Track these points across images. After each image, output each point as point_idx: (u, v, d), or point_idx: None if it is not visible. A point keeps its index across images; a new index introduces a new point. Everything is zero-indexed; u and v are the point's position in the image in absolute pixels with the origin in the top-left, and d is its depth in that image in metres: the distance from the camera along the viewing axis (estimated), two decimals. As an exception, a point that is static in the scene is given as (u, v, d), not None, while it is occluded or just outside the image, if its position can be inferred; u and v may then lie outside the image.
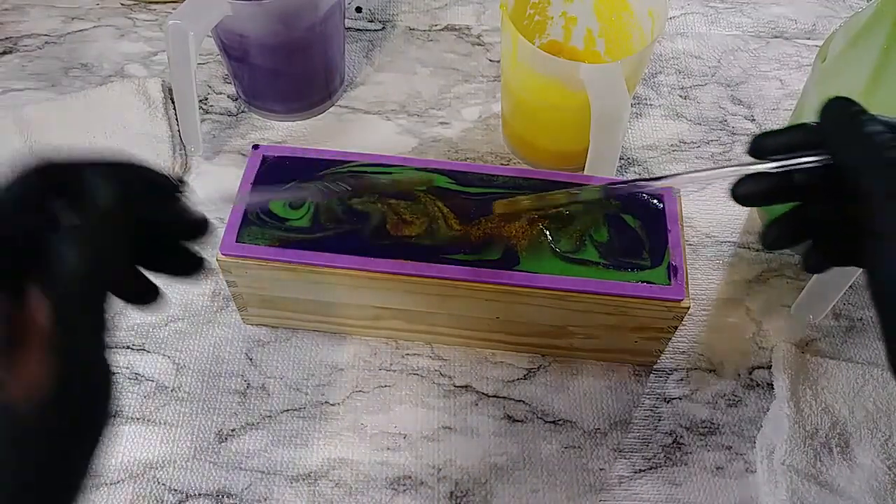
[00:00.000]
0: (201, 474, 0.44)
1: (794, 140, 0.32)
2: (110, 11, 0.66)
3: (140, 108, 0.57)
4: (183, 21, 0.48)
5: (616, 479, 0.44)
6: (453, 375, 0.48)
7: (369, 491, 0.44)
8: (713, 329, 0.50)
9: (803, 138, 0.32)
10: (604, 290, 0.42)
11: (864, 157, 0.29)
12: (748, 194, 0.33)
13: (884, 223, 0.28)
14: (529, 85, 0.50)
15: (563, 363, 0.48)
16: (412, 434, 0.46)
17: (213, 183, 0.56)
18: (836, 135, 0.31)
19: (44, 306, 0.24)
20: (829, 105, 0.32)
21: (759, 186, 0.33)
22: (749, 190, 0.33)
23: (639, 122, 0.60)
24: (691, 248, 0.53)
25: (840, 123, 0.31)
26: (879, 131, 0.29)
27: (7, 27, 0.64)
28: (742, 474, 0.45)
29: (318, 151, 0.46)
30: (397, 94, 0.61)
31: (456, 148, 0.58)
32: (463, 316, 0.45)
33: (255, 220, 0.43)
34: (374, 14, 0.66)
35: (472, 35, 0.65)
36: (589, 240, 0.43)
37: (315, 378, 0.48)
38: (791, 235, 0.33)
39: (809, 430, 0.44)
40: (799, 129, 0.33)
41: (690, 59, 0.64)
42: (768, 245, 0.34)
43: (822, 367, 0.46)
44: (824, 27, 0.66)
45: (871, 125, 0.30)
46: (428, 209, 0.44)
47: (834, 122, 0.31)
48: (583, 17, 0.57)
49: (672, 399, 0.47)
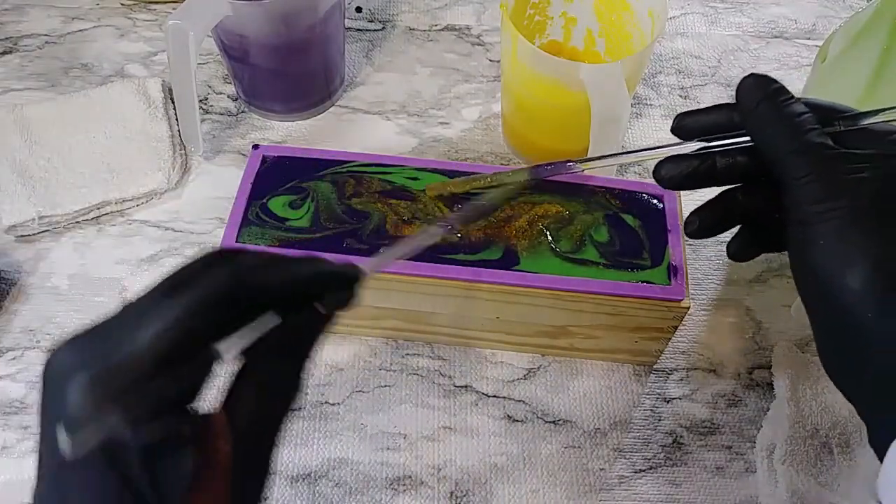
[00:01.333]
0: (201, 474, 0.44)
1: (717, 120, 0.31)
2: (110, 11, 0.66)
3: (140, 108, 0.57)
4: (183, 21, 0.48)
5: (616, 479, 0.44)
6: (453, 375, 0.48)
7: (369, 491, 0.44)
8: (713, 329, 0.50)
9: (727, 118, 0.31)
10: (604, 290, 0.42)
11: (782, 138, 0.28)
12: (670, 176, 0.32)
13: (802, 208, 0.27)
14: (529, 85, 0.50)
15: (563, 363, 0.48)
16: (412, 434, 0.46)
17: (213, 183, 0.56)
18: (754, 116, 0.29)
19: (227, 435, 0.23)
20: (746, 83, 0.30)
21: (680, 169, 0.31)
22: (670, 172, 0.32)
23: (639, 122, 0.60)
24: (691, 248, 0.53)
25: (758, 103, 0.29)
26: (799, 112, 0.28)
27: (7, 27, 0.64)
28: (742, 474, 0.45)
29: (318, 151, 0.46)
30: (397, 94, 0.61)
31: (456, 148, 0.58)
32: (463, 316, 0.45)
33: (255, 220, 0.43)
34: (374, 14, 0.66)
35: (472, 35, 0.65)
36: (589, 240, 0.43)
37: (315, 378, 0.48)
38: (714, 223, 0.32)
39: (809, 430, 0.44)
40: (721, 108, 0.31)
41: (690, 59, 0.64)
42: (690, 234, 0.32)
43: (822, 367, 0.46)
44: (824, 27, 0.66)
45: (790, 105, 0.29)
46: (428, 209, 0.44)
47: (752, 101, 0.29)
48: (583, 17, 0.57)
49: (672, 399, 0.47)
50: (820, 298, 0.27)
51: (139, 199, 0.54)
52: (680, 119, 0.32)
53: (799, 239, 0.28)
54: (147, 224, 0.54)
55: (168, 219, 0.54)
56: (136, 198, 0.54)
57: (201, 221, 0.54)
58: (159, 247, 0.53)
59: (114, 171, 0.54)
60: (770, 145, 0.29)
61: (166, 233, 0.53)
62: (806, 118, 0.28)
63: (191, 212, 0.54)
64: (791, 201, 0.28)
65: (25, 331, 0.49)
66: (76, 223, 0.53)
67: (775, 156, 0.28)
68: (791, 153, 0.28)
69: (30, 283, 0.51)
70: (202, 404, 0.23)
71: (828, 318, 0.28)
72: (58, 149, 0.54)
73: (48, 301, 0.50)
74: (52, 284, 0.51)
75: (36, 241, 0.53)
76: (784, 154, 0.28)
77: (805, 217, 0.27)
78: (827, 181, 0.27)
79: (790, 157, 0.28)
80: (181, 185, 0.55)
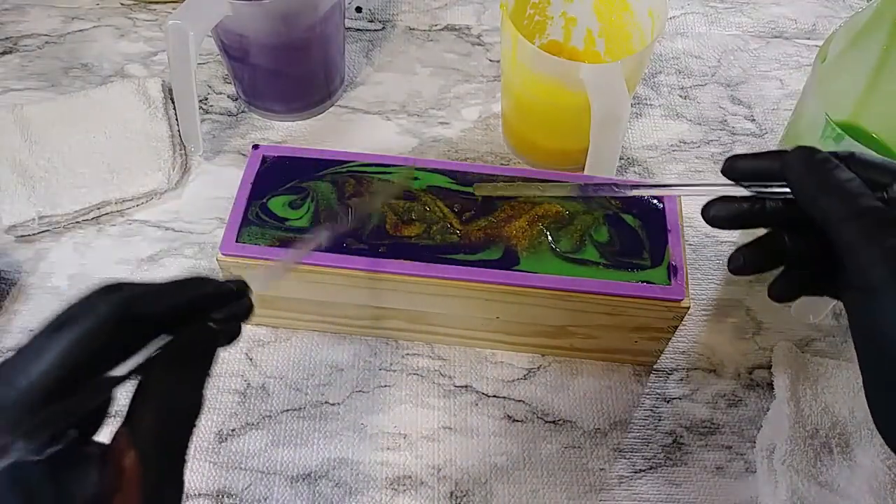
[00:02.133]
0: (201, 474, 0.44)
1: (769, 167, 0.31)
2: (110, 11, 0.66)
3: (140, 108, 0.57)
4: (183, 21, 0.48)
5: (616, 479, 0.44)
6: (453, 375, 0.48)
7: (369, 491, 0.44)
8: (713, 329, 0.50)
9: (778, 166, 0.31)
10: (604, 290, 0.42)
11: (835, 206, 0.28)
12: (718, 216, 0.32)
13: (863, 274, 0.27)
14: (529, 85, 0.50)
15: (563, 363, 0.48)
16: (412, 434, 0.46)
17: (213, 183, 0.56)
18: (803, 187, 0.30)
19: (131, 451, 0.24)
20: (792, 156, 0.30)
21: (730, 210, 0.32)
22: (719, 212, 0.32)
23: (639, 122, 0.60)
24: (691, 248, 0.53)
25: (806, 174, 0.30)
26: (848, 178, 0.29)
27: (7, 27, 0.64)
28: (742, 474, 0.45)
29: (318, 151, 0.46)
30: (397, 94, 0.61)
31: (456, 148, 0.58)
32: (463, 316, 0.45)
33: (255, 220, 0.43)
34: (374, 14, 0.66)
35: (472, 35, 0.65)
36: (589, 240, 0.43)
37: (315, 378, 0.48)
38: (758, 263, 0.32)
39: (809, 430, 0.44)
40: (774, 155, 0.32)
41: (690, 59, 0.64)
42: (733, 270, 0.32)
43: (822, 367, 0.46)
44: (824, 27, 0.66)
45: (838, 172, 0.29)
46: (428, 209, 0.44)
47: (800, 173, 0.30)
48: (583, 17, 0.57)
49: (672, 399, 0.47)
50: (883, 363, 0.27)
51: (139, 199, 0.54)
52: (732, 161, 0.33)
53: (860, 304, 0.28)
54: (147, 224, 0.54)
55: (168, 219, 0.54)
56: (136, 198, 0.54)
57: (201, 221, 0.54)
58: (159, 247, 0.53)
59: (114, 171, 0.54)
60: (823, 213, 0.29)
61: (166, 233, 0.53)
62: (856, 184, 0.29)
63: (191, 212, 0.54)
64: (851, 266, 0.28)
65: (25, 331, 0.49)
66: (76, 223, 0.53)
67: (830, 223, 0.29)
68: (845, 220, 0.28)
69: (30, 283, 0.51)
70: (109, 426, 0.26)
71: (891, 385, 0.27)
72: (58, 149, 0.54)
73: (48, 301, 0.50)
74: (52, 284, 0.51)
75: (36, 241, 0.53)
76: (838, 221, 0.28)
77: (866, 283, 0.27)
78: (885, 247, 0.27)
79: (845, 223, 0.28)
80: (181, 185, 0.56)
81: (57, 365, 0.23)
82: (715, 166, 0.57)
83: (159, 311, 0.26)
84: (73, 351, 0.24)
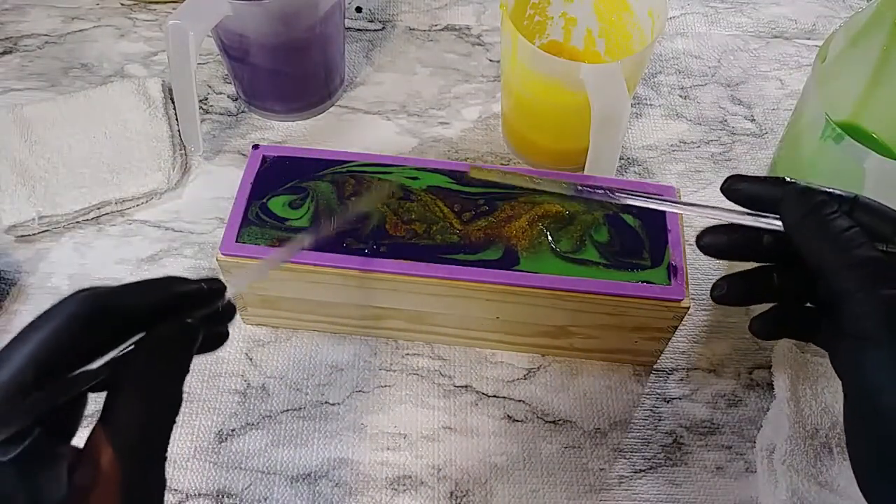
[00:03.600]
0: (201, 474, 0.44)
1: (769, 195, 0.31)
2: (110, 11, 0.66)
3: (140, 108, 0.57)
4: (183, 21, 0.48)
5: (616, 479, 0.44)
6: (453, 375, 0.48)
7: (369, 491, 0.44)
8: (713, 329, 0.50)
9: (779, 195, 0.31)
10: (604, 290, 0.42)
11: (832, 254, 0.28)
12: (711, 245, 0.32)
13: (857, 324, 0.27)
14: (529, 85, 0.50)
15: (563, 363, 0.48)
16: (412, 434, 0.46)
17: (213, 183, 0.56)
18: (800, 229, 0.29)
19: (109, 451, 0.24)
20: (789, 194, 0.30)
21: (724, 242, 0.31)
22: (712, 242, 0.32)
23: (639, 122, 0.60)
24: (691, 248, 0.53)
25: (803, 217, 0.29)
26: (847, 226, 0.28)
27: (7, 27, 0.64)
28: (742, 474, 0.45)
29: (318, 151, 0.46)
30: (397, 94, 0.61)
31: (456, 148, 0.58)
32: (463, 316, 0.45)
33: (255, 220, 0.43)
34: (374, 14, 0.66)
35: (472, 35, 0.65)
36: (589, 240, 0.43)
37: (315, 378, 0.48)
38: (742, 295, 0.32)
39: (809, 430, 0.44)
40: (776, 182, 0.31)
41: (690, 59, 0.64)
42: (715, 298, 0.32)
43: (822, 367, 0.46)
44: (824, 27, 0.66)
45: (838, 221, 0.29)
46: (428, 209, 0.44)
47: (797, 215, 0.29)
48: (583, 18, 0.57)
49: (672, 399, 0.47)
50: (869, 413, 0.27)
51: (139, 199, 0.54)
52: (732, 181, 0.32)
53: (851, 352, 0.27)
54: (147, 224, 0.54)
55: (168, 219, 0.54)
56: (136, 198, 0.54)
57: (201, 221, 0.54)
58: (159, 247, 0.53)
59: (114, 171, 0.54)
60: (819, 259, 0.29)
61: (166, 233, 0.53)
62: (854, 232, 0.28)
63: (191, 212, 0.54)
64: (846, 314, 0.27)
65: (25, 331, 0.49)
66: (76, 223, 0.53)
67: (825, 270, 0.28)
68: (843, 268, 0.28)
69: (30, 283, 0.51)
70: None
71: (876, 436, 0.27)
72: (58, 149, 0.54)
73: (48, 301, 0.49)
74: (53, 284, 0.51)
75: (36, 241, 0.53)
76: (835, 269, 0.28)
77: (859, 332, 0.27)
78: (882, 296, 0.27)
79: (842, 271, 0.28)
80: (181, 185, 0.56)
81: (27, 363, 0.24)
82: (715, 166, 0.57)
83: (128, 306, 0.26)
84: (43, 349, 0.24)
